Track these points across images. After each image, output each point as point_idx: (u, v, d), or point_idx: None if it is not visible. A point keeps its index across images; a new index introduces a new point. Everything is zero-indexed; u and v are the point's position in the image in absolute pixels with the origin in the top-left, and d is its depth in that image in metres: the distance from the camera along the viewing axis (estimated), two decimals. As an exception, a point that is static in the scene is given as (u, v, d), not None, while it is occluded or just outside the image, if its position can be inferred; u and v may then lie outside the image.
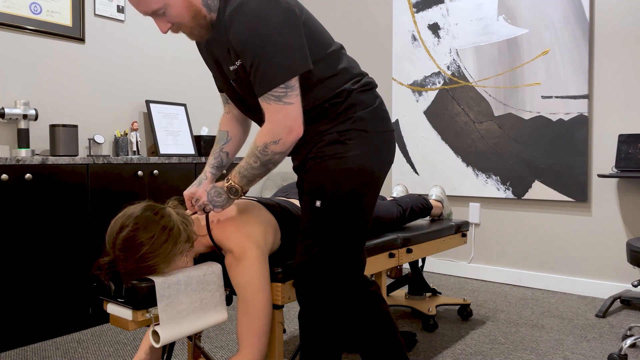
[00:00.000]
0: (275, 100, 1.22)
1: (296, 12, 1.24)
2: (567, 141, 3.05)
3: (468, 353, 2.16)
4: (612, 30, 2.91)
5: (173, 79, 3.35)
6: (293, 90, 1.22)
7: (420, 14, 3.65)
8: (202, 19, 1.28)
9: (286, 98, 1.22)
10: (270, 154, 1.26)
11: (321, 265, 1.31)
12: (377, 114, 1.38)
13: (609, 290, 2.96)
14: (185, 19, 1.26)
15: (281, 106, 1.22)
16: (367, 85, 1.39)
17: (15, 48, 2.61)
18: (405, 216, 2.16)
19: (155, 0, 1.22)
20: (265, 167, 1.29)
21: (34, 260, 2.30)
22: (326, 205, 1.31)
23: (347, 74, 1.36)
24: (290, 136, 1.24)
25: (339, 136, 1.32)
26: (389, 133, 1.41)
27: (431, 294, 2.69)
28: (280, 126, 1.23)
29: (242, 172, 1.31)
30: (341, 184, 1.31)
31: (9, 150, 2.59)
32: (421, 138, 3.68)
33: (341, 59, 1.36)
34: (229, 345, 2.26)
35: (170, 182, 2.83)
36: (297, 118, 1.24)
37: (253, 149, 1.27)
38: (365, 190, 1.34)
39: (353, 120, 1.33)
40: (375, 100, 1.39)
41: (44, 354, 2.20)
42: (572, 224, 3.08)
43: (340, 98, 1.33)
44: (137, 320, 1.25)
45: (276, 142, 1.24)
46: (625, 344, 2.02)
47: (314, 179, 1.33)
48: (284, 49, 1.19)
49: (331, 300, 1.33)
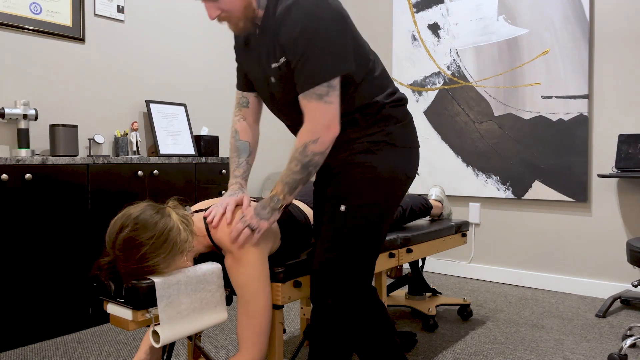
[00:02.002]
0: (317, 99, 1.25)
1: (348, 17, 1.28)
2: (567, 141, 3.05)
3: (468, 353, 2.16)
4: (612, 30, 2.91)
5: (173, 79, 3.35)
6: (334, 90, 1.25)
7: (420, 14, 3.65)
8: (252, 12, 1.30)
9: (327, 97, 1.25)
10: (310, 154, 1.27)
11: (337, 269, 1.33)
12: (407, 129, 1.41)
13: (609, 290, 2.96)
14: (237, 7, 1.27)
15: (321, 104, 1.25)
16: (400, 101, 1.42)
17: (15, 48, 2.61)
18: (405, 216, 2.16)
19: None
20: (306, 171, 1.30)
21: (34, 260, 2.30)
22: (350, 211, 1.34)
23: (382, 86, 1.38)
24: (329, 134, 1.27)
25: (370, 146, 1.35)
26: (416, 150, 1.44)
27: (431, 294, 2.69)
28: (319, 124, 1.26)
29: (284, 180, 1.31)
30: (368, 192, 1.34)
31: (9, 150, 2.59)
32: (421, 138, 3.68)
33: (376, 69, 1.39)
34: (229, 345, 2.26)
35: (170, 182, 2.83)
36: (335, 116, 1.27)
37: (293, 152, 1.29)
38: (389, 202, 1.37)
39: (385, 133, 1.36)
40: (406, 116, 1.43)
41: (44, 354, 2.20)
42: (572, 224, 3.08)
43: (372, 110, 1.36)
44: (137, 320, 1.25)
45: (315, 142, 1.26)
46: (625, 344, 2.02)
47: (342, 185, 1.36)
48: (332, 48, 1.23)
49: (343, 304, 1.35)
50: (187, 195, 2.92)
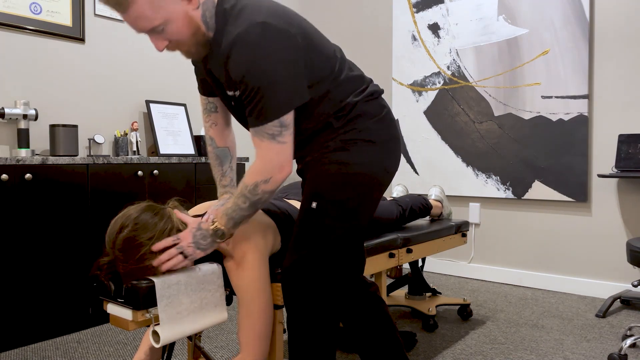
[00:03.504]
0: (269, 139, 1.20)
1: (297, 40, 1.20)
2: (567, 141, 3.05)
3: (468, 353, 2.16)
4: (612, 30, 2.91)
5: (173, 79, 3.35)
6: (287, 129, 1.20)
7: (420, 14, 3.65)
8: (201, 37, 1.24)
9: (280, 137, 1.20)
10: (260, 193, 1.23)
11: (309, 267, 1.29)
12: (384, 122, 1.36)
13: (609, 290, 2.96)
14: (185, 35, 1.21)
15: (274, 144, 1.20)
16: (373, 95, 1.37)
17: (15, 48, 2.61)
18: (405, 216, 2.16)
19: (155, 17, 1.15)
20: (254, 208, 1.26)
21: (34, 260, 2.30)
22: (322, 207, 1.30)
23: (350, 85, 1.33)
24: (281, 174, 1.22)
25: (343, 144, 1.31)
26: (395, 142, 1.39)
27: (431, 294, 2.69)
28: (271, 164, 1.21)
29: (230, 214, 1.26)
30: (340, 188, 1.30)
31: (9, 150, 2.59)
32: (421, 138, 3.68)
33: (343, 70, 1.33)
34: (229, 345, 2.26)
35: (170, 182, 2.83)
36: (289, 157, 1.22)
37: (242, 189, 1.24)
38: (365, 197, 1.33)
39: (359, 130, 1.32)
40: (381, 109, 1.37)
41: (44, 354, 2.20)
42: (572, 224, 3.08)
43: (345, 111, 1.31)
44: (137, 321, 1.25)
45: (267, 181, 1.22)
46: (625, 344, 2.02)
47: (313, 181, 1.32)
48: (281, 85, 1.16)
49: (317, 304, 1.31)
50: (187, 195, 2.92)
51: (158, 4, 1.14)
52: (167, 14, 1.16)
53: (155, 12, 1.14)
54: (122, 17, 1.17)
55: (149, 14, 1.14)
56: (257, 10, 1.17)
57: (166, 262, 1.26)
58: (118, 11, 1.15)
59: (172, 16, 1.16)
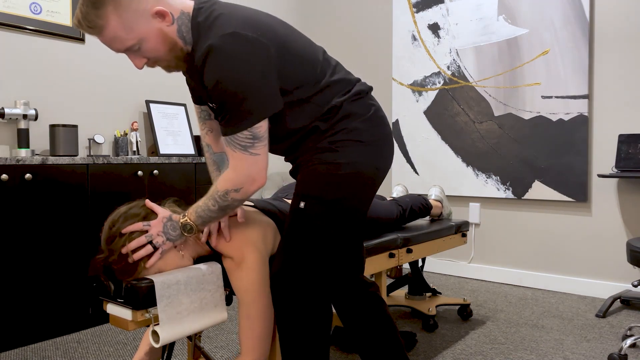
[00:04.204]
0: (242, 150, 1.20)
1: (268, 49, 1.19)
2: (567, 141, 3.05)
3: (468, 353, 2.16)
4: (612, 30, 2.91)
5: (173, 79, 3.35)
6: (261, 141, 1.21)
7: (420, 14, 3.65)
8: (179, 51, 1.25)
9: (252, 149, 1.20)
10: (230, 200, 1.24)
11: (298, 269, 1.29)
12: (372, 121, 1.34)
13: (609, 290, 2.96)
14: (161, 52, 1.22)
15: (247, 156, 1.20)
16: (359, 94, 1.35)
17: (15, 48, 2.61)
18: (405, 216, 2.15)
19: (129, 37, 1.17)
20: (223, 212, 1.27)
21: (34, 260, 2.30)
22: (310, 207, 1.29)
23: (334, 87, 1.32)
24: (253, 186, 1.23)
25: (332, 145, 1.30)
26: (385, 140, 1.37)
27: (431, 294, 2.69)
28: (243, 176, 1.21)
29: (199, 212, 1.27)
30: (329, 188, 1.29)
31: (9, 150, 2.59)
32: (421, 138, 3.68)
33: (326, 73, 1.32)
34: (229, 345, 2.26)
35: (170, 182, 2.83)
36: (261, 169, 1.22)
37: (213, 192, 1.25)
38: (356, 197, 1.32)
39: (347, 131, 1.30)
40: (369, 108, 1.35)
41: (44, 354, 2.20)
42: (572, 224, 3.08)
43: (331, 113, 1.30)
44: (137, 321, 1.25)
45: (237, 191, 1.22)
46: (625, 344, 2.02)
47: (302, 182, 1.32)
48: (251, 94, 1.16)
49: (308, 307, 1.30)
50: (187, 195, 2.92)
51: (130, 25, 1.16)
52: (140, 34, 1.18)
53: (128, 33, 1.17)
54: (99, 39, 1.20)
55: (123, 35, 1.17)
56: (228, 21, 1.18)
57: (136, 252, 1.26)
58: (93, 35, 1.18)
59: (146, 35, 1.19)
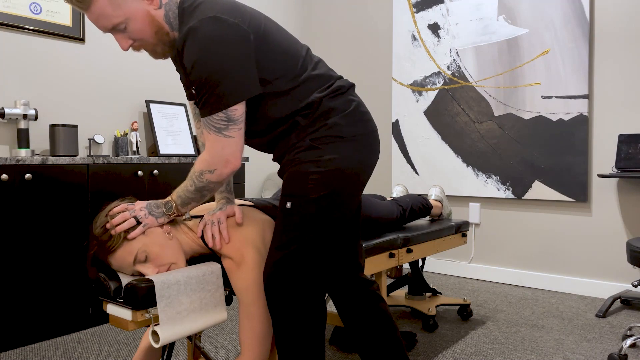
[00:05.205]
0: (216, 132, 1.22)
1: (248, 35, 1.21)
2: (567, 141, 3.05)
3: (468, 353, 2.16)
4: (612, 30, 2.91)
5: (173, 79, 3.35)
6: (235, 124, 1.22)
7: (420, 14, 3.65)
8: (165, 36, 1.27)
9: (227, 131, 1.22)
10: (206, 182, 1.26)
11: (289, 267, 1.28)
12: (354, 117, 1.34)
13: (609, 290, 2.96)
14: (147, 34, 1.25)
15: (220, 138, 1.22)
16: (339, 90, 1.34)
17: (15, 48, 2.61)
18: (405, 216, 2.16)
19: (115, 14, 1.19)
20: (200, 193, 1.29)
21: (33, 260, 2.30)
22: (296, 207, 1.29)
23: (314, 82, 1.32)
24: (227, 169, 1.24)
25: (313, 143, 1.30)
26: (368, 135, 1.36)
27: (431, 294, 2.69)
28: (217, 158, 1.23)
29: (179, 193, 1.32)
30: (313, 186, 1.28)
31: (9, 150, 2.59)
32: (421, 138, 3.68)
33: (307, 68, 1.33)
34: (229, 345, 2.27)
35: (170, 183, 2.83)
36: (235, 152, 1.24)
37: (192, 172, 1.28)
38: (341, 193, 1.31)
39: (327, 127, 1.30)
40: (349, 104, 1.34)
41: (44, 354, 2.20)
42: (572, 224, 3.08)
43: (311, 108, 1.30)
44: (137, 321, 1.25)
45: (211, 172, 1.25)
46: (625, 344, 2.02)
47: (287, 182, 1.32)
48: (227, 76, 1.18)
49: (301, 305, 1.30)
50: (187, 195, 2.92)
51: (118, 2, 1.19)
52: (127, 12, 1.21)
53: (115, 10, 1.20)
54: (87, 15, 1.22)
55: (110, 12, 1.20)
56: (211, 6, 1.21)
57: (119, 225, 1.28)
58: (81, 9, 1.20)
59: (132, 14, 1.21)
